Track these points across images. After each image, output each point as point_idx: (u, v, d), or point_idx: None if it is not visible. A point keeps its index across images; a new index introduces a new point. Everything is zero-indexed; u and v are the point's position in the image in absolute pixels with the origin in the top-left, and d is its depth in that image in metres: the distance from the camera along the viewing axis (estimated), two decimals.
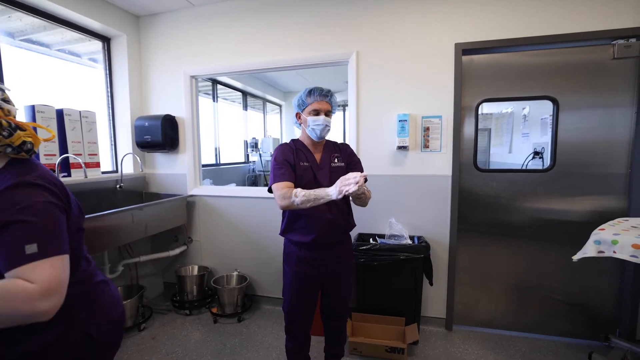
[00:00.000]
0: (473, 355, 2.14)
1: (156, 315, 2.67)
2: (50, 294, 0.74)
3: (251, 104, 5.68)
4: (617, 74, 2.07)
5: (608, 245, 1.51)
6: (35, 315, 0.73)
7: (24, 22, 2.31)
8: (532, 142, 2.59)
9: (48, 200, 0.80)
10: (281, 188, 1.44)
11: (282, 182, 1.46)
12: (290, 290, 1.65)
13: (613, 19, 2.00)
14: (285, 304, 1.69)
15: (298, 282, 1.62)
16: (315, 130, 1.55)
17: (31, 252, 0.74)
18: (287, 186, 1.45)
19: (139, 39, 2.94)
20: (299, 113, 1.61)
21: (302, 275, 1.61)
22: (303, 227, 1.56)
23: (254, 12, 2.62)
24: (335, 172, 1.61)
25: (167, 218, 2.61)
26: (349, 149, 1.75)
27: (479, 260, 2.41)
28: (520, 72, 2.22)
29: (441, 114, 2.31)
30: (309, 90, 1.56)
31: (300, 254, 1.59)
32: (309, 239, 1.54)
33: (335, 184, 1.34)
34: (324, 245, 1.58)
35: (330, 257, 1.61)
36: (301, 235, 1.57)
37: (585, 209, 2.19)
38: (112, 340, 1.02)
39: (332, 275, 1.65)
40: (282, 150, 1.58)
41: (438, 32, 2.27)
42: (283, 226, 1.64)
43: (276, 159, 1.54)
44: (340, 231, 1.62)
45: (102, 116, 2.86)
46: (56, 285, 0.75)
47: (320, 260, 1.59)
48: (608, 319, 2.23)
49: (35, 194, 0.79)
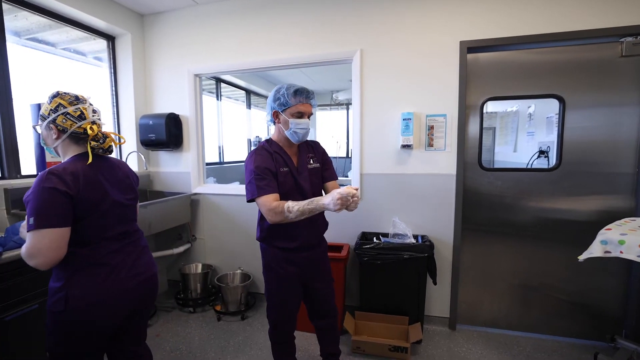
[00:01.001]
0: (477, 354, 2.13)
1: (160, 313, 2.69)
2: (31, 256, 1.04)
3: (255, 103, 5.69)
4: (625, 71, 2.04)
5: (615, 246, 1.49)
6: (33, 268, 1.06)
7: (30, 21, 2.32)
8: (538, 141, 2.57)
9: (51, 187, 1.04)
10: (270, 202, 1.37)
11: (269, 194, 1.39)
12: (277, 296, 1.60)
13: (621, 16, 1.97)
14: (272, 312, 1.63)
15: (283, 283, 1.57)
16: (297, 133, 1.47)
17: (31, 223, 1.02)
18: (275, 199, 1.39)
19: (144, 38, 2.95)
20: (277, 112, 1.49)
21: (288, 277, 1.56)
22: (288, 234, 1.52)
23: (257, 11, 2.62)
24: (313, 174, 1.59)
25: (171, 216, 2.62)
26: (321, 147, 1.71)
27: (483, 260, 2.40)
28: (526, 70, 2.20)
29: (446, 112, 2.29)
30: (295, 90, 1.45)
31: (286, 255, 1.56)
32: (295, 244, 1.53)
33: (329, 195, 1.32)
34: (307, 247, 1.58)
35: (312, 255, 1.61)
36: (286, 241, 1.53)
37: (592, 208, 2.17)
38: (83, 320, 1.12)
39: (314, 273, 1.64)
40: (261, 157, 1.46)
41: (443, 30, 2.25)
42: (262, 233, 1.57)
43: (257, 168, 1.42)
44: (321, 232, 1.66)
45: (107, 114, 2.88)
46: (34, 251, 1.03)
47: (302, 260, 1.58)
48: (614, 320, 2.20)
49: (47, 180, 1.05)
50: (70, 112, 1.15)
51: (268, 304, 1.65)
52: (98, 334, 1.17)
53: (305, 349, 2.20)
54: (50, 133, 1.17)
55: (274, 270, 1.58)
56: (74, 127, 1.15)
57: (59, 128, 1.15)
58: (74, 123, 1.15)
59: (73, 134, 1.16)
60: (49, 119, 1.15)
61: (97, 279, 1.13)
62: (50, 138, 1.18)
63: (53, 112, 1.14)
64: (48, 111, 1.15)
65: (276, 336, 1.69)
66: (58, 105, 1.15)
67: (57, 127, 1.15)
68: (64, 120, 1.14)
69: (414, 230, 2.39)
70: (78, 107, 1.17)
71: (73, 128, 1.15)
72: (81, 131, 1.16)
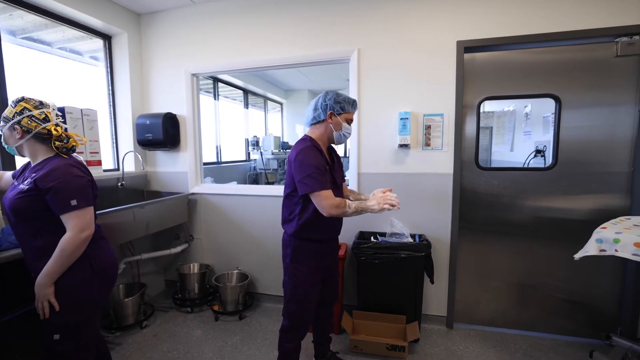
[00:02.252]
0: (474, 353, 2.14)
1: (158, 313, 2.68)
2: (83, 229, 1.29)
3: (252, 102, 5.68)
4: (620, 71, 2.06)
5: (610, 244, 1.51)
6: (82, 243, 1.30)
7: (26, 20, 2.31)
8: (534, 141, 2.59)
9: (79, 175, 1.33)
10: (332, 197, 1.50)
11: (329, 190, 1.51)
12: (303, 289, 1.64)
13: (616, 17, 1.99)
14: (294, 305, 1.66)
15: (312, 277, 1.66)
16: (345, 136, 1.66)
17: (74, 204, 1.27)
18: (332, 194, 1.52)
19: (140, 37, 2.93)
20: (333, 113, 1.60)
21: (317, 270, 1.67)
22: (321, 225, 1.61)
23: (255, 10, 2.61)
24: (338, 172, 1.75)
25: (169, 216, 2.62)
26: (336, 151, 1.86)
27: (480, 259, 2.41)
28: (522, 70, 2.21)
29: (443, 112, 2.30)
30: (353, 101, 1.64)
31: (318, 248, 1.66)
32: (326, 235, 1.69)
33: (373, 198, 1.55)
34: (331, 239, 1.76)
35: (334, 247, 1.82)
36: (319, 232, 1.64)
37: (587, 207, 2.19)
38: (106, 277, 1.45)
39: (333, 263, 1.84)
40: (318, 155, 1.57)
41: (440, 30, 2.26)
42: (297, 226, 1.61)
43: (317, 165, 1.52)
44: (341, 226, 1.80)
45: (104, 114, 2.86)
46: (85, 225, 1.30)
47: (327, 252, 1.75)
48: (609, 318, 2.22)
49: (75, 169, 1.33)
50: (35, 114, 1.32)
51: (292, 299, 1.67)
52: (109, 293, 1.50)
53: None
54: (14, 133, 1.32)
55: (303, 263, 1.65)
56: (38, 129, 1.31)
57: (24, 129, 1.31)
58: (38, 125, 1.31)
59: (37, 134, 1.32)
60: (14, 121, 1.30)
61: (108, 246, 1.48)
62: (13, 138, 1.33)
63: (18, 115, 1.30)
64: (13, 114, 1.30)
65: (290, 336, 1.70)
66: (23, 108, 1.31)
67: (22, 127, 1.30)
68: (29, 122, 1.30)
69: (412, 230, 2.40)
70: (42, 110, 1.34)
71: (37, 129, 1.31)
72: (45, 132, 1.33)
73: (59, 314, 1.30)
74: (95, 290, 1.39)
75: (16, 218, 1.31)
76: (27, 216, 1.30)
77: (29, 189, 1.27)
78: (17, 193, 1.29)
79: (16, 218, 1.31)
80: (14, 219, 1.32)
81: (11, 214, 1.32)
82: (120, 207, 2.12)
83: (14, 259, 1.50)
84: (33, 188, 1.26)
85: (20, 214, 1.30)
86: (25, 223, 1.32)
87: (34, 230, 1.32)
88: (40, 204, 1.27)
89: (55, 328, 1.31)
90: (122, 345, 2.23)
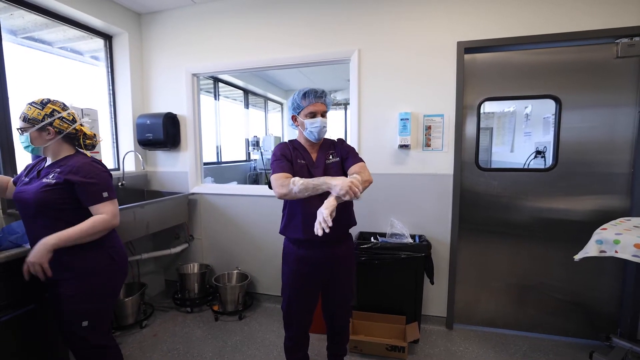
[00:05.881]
0: (473, 354, 2.14)
1: (158, 313, 2.68)
2: (115, 216, 1.43)
3: (252, 102, 5.68)
4: (621, 72, 2.06)
5: (610, 245, 1.51)
6: (110, 228, 1.43)
7: (26, 19, 2.31)
8: (534, 142, 2.58)
9: (104, 170, 1.47)
10: (280, 177, 1.46)
11: (281, 172, 1.49)
12: (288, 290, 1.65)
13: (616, 18, 1.99)
14: (283, 303, 1.70)
15: (295, 282, 1.62)
16: (313, 132, 1.56)
17: (106, 196, 1.41)
18: (285, 176, 1.47)
19: (141, 37, 2.94)
20: (294, 116, 1.62)
21: (299, 275, 1.61)
22: (300, 223, 1.54)
23: (255, 10, 2.62)
24: (331, 167, 1.60)
25: (169, 216, 2.62)
26: (344, 143, 1.72)
27: (480, 260, 2.41)
28: (522, 71, 2.21)
29: (443, 112, 2.30)
30: (304, 93, 1.56)
31: (297, 252, 1.59)
32: (299, 235, 1.55)
33: (342, 177, 1.35)
34: (321, 244, 1.54)
35: (330, 256, 1.58)
36: (294, 231, 1.58)
37: (587, 208, 2.19)
38: (123, 268, 1.56)
39: (332, 276, 1.62)
40: (281, 148, 1.63)
41: (440, 31, 2.26)
42: (282, 224, 1.65)
43: (275, 155, 1.58)
44: (338, 228, 1.45)
45: (104, 114, 2.86)
46: (116, 213, 1.44)
47: (318, 260, 1.57)
48: (609, 319, 2.22)
49: (103, 167, 1.49)
50: (64, 116, 1.40)
51: (282, 296, 1.70)
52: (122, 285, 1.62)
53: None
54: (43, 134, 1.38)
55: (287, 265, 1.66)
56: (69, 129, 1.41)
57: (56, 130, 1.38)
58: (69, 125, 1.41)
59: (67, 134, 1.41)
60: (45, 122, 1.36)
61: (120, 240, 1.58)
62: (42, 139, 1.39)
63: (49, 117, 1.36)
64: (42, 116, 1.35)
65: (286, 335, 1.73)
66: (53, 110, 1.37)
67: (55, 128, 1.38)
68: (61, 123, 1.39)
69: (412, 230, 2.40)
70: (69, 112, 1.43)
71: (68, 130, 1.41)
72: (74, 132, 1.43)
73: (84, 301, 1.39)
74: (114, 279, 1.51)
75: (37, 210, 1.35)
76: (51, 208, 1.35)
77: (57, 183, 1.34)
78: (43, 186, 1.35)
79: (37, 210, 1.35)
80: (34, 212, 1.36)
81: (33, 207, 1.35)
82: (120, 206, 2.10)
83: (14, 259, 1.50)
84: (62, 182, 1.34)
85: (46, 205, 1.34)
86: (46, 215, 1.36)
87: (52, 221, 1.35)
88: (68, 196, 1.36)
89: (80, 315, 1.39)
90: (122, 345, 2.23)
